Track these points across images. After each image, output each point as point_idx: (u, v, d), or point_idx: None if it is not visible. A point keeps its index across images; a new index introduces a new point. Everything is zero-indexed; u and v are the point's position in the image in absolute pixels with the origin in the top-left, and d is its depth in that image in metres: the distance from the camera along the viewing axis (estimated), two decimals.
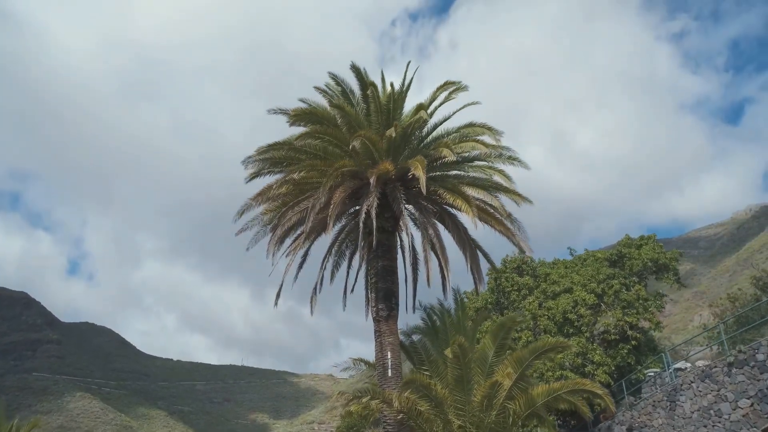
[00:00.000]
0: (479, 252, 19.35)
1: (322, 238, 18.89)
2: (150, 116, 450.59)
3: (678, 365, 24.93)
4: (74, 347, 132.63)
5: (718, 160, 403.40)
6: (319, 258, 20.00)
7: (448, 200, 17.17)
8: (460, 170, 18.74)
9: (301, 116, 17.00)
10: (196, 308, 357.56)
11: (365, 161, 17.01)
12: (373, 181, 15.44)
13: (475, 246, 19.12)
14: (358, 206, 17.24)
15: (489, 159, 18.24)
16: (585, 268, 33.50)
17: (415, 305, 20.39)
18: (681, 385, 21.25)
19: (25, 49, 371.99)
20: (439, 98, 18.21)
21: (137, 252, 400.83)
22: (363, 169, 16.73)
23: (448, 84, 17.88)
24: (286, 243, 18.49)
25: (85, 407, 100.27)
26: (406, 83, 18.32)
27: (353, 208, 18.66)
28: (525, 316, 31.31)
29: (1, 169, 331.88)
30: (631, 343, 30.00)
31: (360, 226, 15.77)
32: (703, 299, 74.05)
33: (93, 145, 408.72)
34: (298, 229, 18.32)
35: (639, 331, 30.68)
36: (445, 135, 18.29)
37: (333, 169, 15.70)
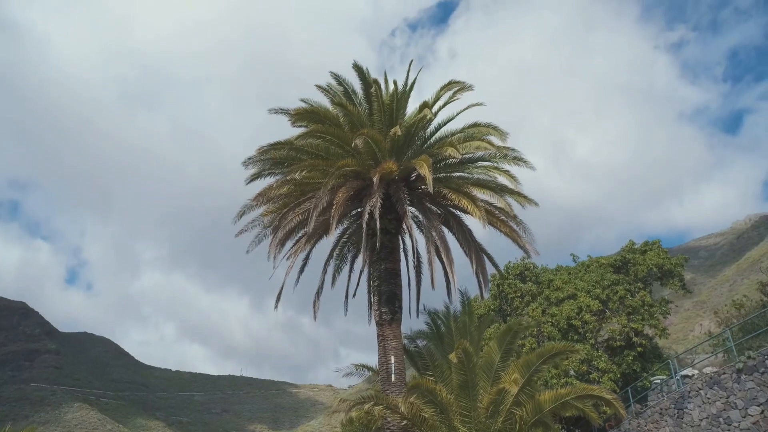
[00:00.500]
0: (484, 256, 18.92)
1: (324, 241, 18.59)
2: (150, 125, 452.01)
3: (685, 372, 24.50)
4: (72, 357, 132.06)
5: (718, 170, 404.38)
6: (320, 261, 19.68)
7: (453, 201, 16.74)
8: (463, 171, 18.35)
9: (302, 115, 16.69)
10: (195, 318, 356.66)
11: (368, 161, 16.66)
12: (376, 181, 15.10)
13: (481, 249, 18.70)
14: (360, 208, 16.93)
15: (494, 159, 17.86)
16: (589, 274, 33.19)
17: (419, 309, 20.03)
18: (689, 393, 20.84)
19: (26, 57, 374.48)
20: (443, 98, 17.86)
21: (136, 261, 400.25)
22: (365, 169, 16.38)
23: (452, 83, 17.50)
24: (287, 246, 18.13)
25: (83, 418, 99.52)
26: (409, 83, 17.97)
27: (355, 210, 18.31)
28: (531, 322, 30.92)
29: (0, 178, 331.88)
30: (637, 349, 29.63)
31: (363, 227, 15.38)
32: (703, 309, 73.80)
33: (92, 154, 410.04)
34: (300, 232, 17.97)
35: (644, 338, 30.30)
36: (449, 135, 17.87)
37: (335, 168, 15.33)
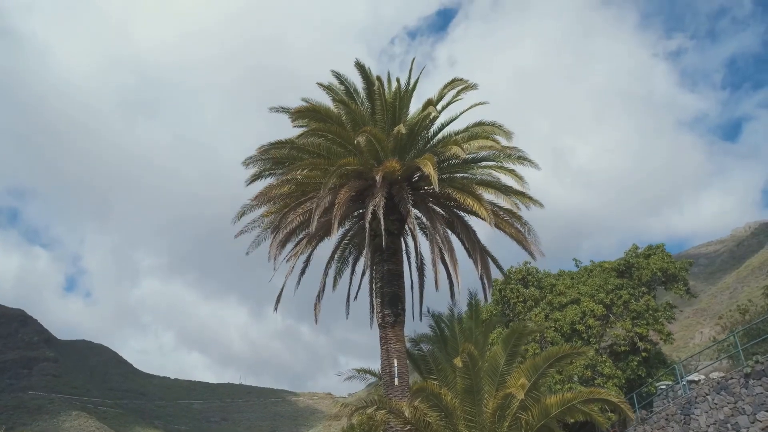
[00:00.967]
0: (489, 258, 18.57)
1: (325, 242, 18.24)
2: (149, 134, 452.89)
3: (691, 377, 24.14)
4: (71, 365, 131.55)
5: (717, 177, 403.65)
6: (321, 264, 19.34)
7: (458, 201, 16.42)
8: (467, 172, 18.03)
9: (303, 114, 16.39)
10: (193, 326, 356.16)
11: (370, 161, 16.36)
12: (379, 180, 14.83)
13: (485, 251, 18.35)
14: (363, 209, 16.64)
15: (498, 159, 17.56)
16: (592, 279, 32.87)
17: (422, 312, 19.65)
18: (695, 398, 20.49)
19: (26, 66, 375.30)
20: (446, 97, 17.54)
21: (135, 269, 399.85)
22: (368, 168, 16.07)
23: (456, 81, 17.14)
24: (288, 248, 17.77)
25: (81, 426, 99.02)
26: (412, 81, 17.61)
27: (357, 212, 18.01)
28: (536, 325, 30.53)
29: (0, 186, 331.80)
30: (642, 354, 29.29)
31: (366, 227, 15.04)
32: (703, 316, 73.44)
33: (92, 163, 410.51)
34: (300, 233, 17.66)
35: (649, 343, 29.95)
36: (453, 134, 17.54)
37: (336, 167, 15.03)
